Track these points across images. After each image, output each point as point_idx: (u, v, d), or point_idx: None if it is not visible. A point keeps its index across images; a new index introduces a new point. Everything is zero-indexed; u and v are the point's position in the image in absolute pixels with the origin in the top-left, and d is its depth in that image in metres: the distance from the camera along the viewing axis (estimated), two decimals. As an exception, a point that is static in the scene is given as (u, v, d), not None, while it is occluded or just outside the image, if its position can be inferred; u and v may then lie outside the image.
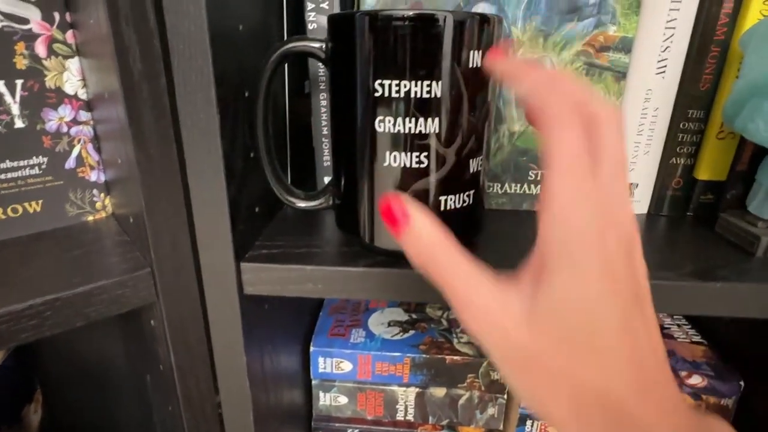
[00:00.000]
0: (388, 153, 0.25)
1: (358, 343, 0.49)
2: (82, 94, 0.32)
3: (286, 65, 0.35)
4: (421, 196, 0.26)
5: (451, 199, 0.26)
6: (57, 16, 0.30)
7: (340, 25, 0.25)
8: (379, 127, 0.25)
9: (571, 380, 0.18)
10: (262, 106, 0.28)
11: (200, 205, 0.27)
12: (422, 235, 0.21)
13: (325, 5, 0.34)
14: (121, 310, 0.27)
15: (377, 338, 0.50)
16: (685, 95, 0.34)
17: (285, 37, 0.36)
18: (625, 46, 0.33)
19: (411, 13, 0.23)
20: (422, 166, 0.25)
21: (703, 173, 0.36)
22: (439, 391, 0.49)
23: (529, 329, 0.19)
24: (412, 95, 0.24)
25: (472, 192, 0.27)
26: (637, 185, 0.37)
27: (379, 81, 0.24)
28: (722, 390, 0.45)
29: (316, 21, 0.34)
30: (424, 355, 0.48)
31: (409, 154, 0.25)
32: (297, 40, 0.28)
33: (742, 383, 0.45)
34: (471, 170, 0.26)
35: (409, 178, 0.26)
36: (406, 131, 0.24)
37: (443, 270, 0.21)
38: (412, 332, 0.51)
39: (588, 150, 0.19)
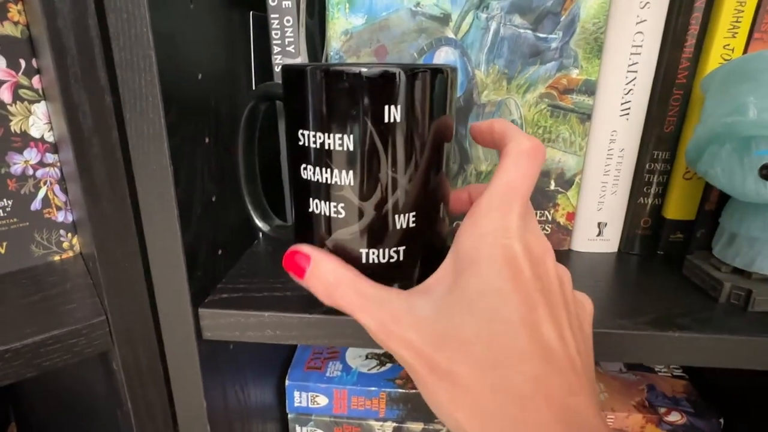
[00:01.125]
0: (311, 200, 0.25)
1: (333, 377, 0.48)
2: (49, 137, 0.33)
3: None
4: (343, 246, 0.25)
5: (373, 253, 0.25)
6: (23, 62, 0.31)
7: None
8: (303, 175, 0.25)
9: (469, 390, 0.18)
10: (243, 148, 0.29)
11: (155, 254, 0.27)
12: (325, 273, 0.23)
13: (291, 49, 0.34)
14: (75, 359, 0.27)
15: (353, 372, 0.49)
16: (650, 137, 0.35)
17: (253, 81, 0.36)
18: (589, 88, 0.33)
19: (323, 68, 0.23)
20: (340, 216, 0.25)
21: (672, 213, 0.36)
22: (416, 426, 0.48)
23: (434, 332, 0.19)
24: (326, 147, 0.24)
25: (401, 249, 0.25)
26: (606, 224, 0.37)
27: (300, 131, 0.24)
28: (702, 427, 0.44)
29: (282, 64, 0.35)
30: (400, 390, 0.47)
31: (327, 203, 0.25)
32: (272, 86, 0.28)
33: (722, 421, 0.44)
34: (398, 226, 0.25)
35: (330, 227, 0.25)
36: (324, 181, 0.24)
37: (351, 299, 0.22)
38: (389, 365, 0.50)
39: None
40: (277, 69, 0.35)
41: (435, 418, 0.48)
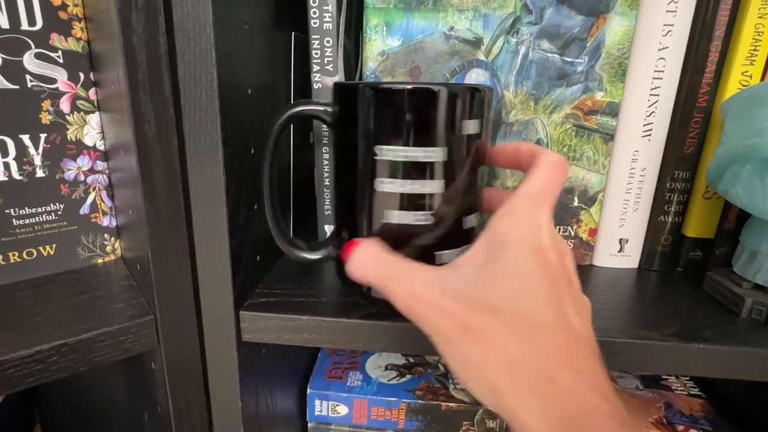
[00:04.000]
0: (390, 211, 0.27)
1: (354, 386, 0.49)
2: (100, 146, 0.35)
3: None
4: (420, 251, 0.27)
5: (446, 255, 0.28)
6: (82, 75, 0.33)
7: (348, 94, 0.27)
8: (381, 188, 0.27)
9: (501, 348, 0.19)
10: (268, 168, 0.29)
11: (204, 257, 0.29)
12: (364, 251, 0.24)
13: (329, 68, 0.36)
14: (123, 355, 0.28)
15: (374, 382, 0.50)
16: (671, 157, 0.36)
17: (292, 97, 0.38)
18: (612, 110, 0.35)
19: (413, 86, 0.25)
20: (422, 223, 0.27)
21: (691, 231, 0.37)
22: (435, 438, 0.49)
23: (466, 302, 0.20)
24: (415, 160, 0.26)
25: (466, 246, 0.28)
26: (627, 241, 0.38)
27: (381, 146, 0.26)
28: (720, 446, 0.45)
29: (321, 81, 0.37)
30: (419, 401, 0.48)
31: (410, 212, 0.27)
32: (304, 103, 0.29)
33: (740, 440, 0.45)
34: (465, 227, 0.28)
35: (409, 234, 0.27)
36: (408, 192, 0.26)
37: (384, 272, 0.23)
38: (408, 376, 0.51)
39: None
40: (316, 86, 0.37)
41: (453, 430, 0.48)
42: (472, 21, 0.34)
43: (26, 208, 0.32)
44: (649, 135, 0.36)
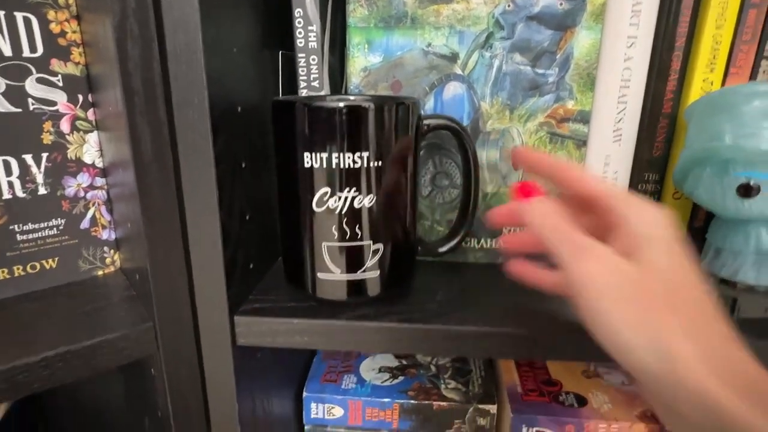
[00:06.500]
0: None
1: (349, 389, 0.51)
2: (99, 163, 0.36)
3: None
4: None
5: None
6: (81, 97, 0.35)
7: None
8: None
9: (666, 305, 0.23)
10: None
11: (199, 267, 0.30)
12: (547, 206, 0.28)
13: (315, 83, 0.38)
14: (124, 361, 0.30)
15: (368, 384, 0.51)
16: (640, 160, 0.38)
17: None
18: (583, 117, 0.37)
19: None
20: None
21: (664, 230, 0.39)
22: (428, 437, 0.50)
23: (637, 268, 0.24)
24: None
25: None
26: (603, 241, 0.40)
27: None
28: (702, 436, 0.46)
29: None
30: (412, 401, 0.49)
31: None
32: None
33: (721, 430, 0.46)
34: None
35: None
36: None
37: (559, 229, 0.27)
38: (401, 378, 0.53)
39: None
40: (303, 102, 0.39)
41: (444, 429, 0.50)
42: (448, 37, 0.36)
43: (29, 224, 0.34)
44: (619, 140, 0.38)
